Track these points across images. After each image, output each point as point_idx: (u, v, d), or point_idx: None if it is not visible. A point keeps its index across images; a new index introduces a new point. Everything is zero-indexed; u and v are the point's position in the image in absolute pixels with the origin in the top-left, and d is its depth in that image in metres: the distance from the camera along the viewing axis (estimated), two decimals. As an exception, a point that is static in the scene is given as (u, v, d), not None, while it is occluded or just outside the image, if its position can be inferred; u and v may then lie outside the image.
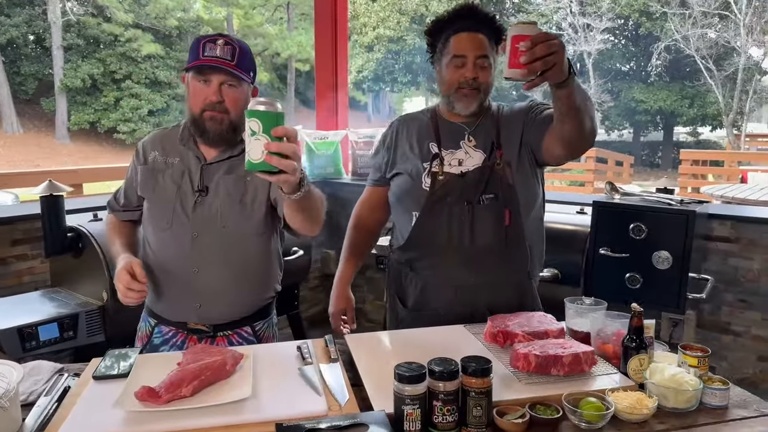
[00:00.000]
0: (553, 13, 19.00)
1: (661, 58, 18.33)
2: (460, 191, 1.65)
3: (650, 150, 22.76)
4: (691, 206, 2.34)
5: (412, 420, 1.07)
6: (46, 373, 1.33)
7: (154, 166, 1.60)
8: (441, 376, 1.08)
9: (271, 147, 1.08)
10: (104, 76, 19.00)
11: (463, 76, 1.62)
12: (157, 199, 1.59)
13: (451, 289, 1.68)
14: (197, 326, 1.59)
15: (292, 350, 1.41)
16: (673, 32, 17.07)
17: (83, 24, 18.88)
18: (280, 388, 1.22)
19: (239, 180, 1.57)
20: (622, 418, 1.17)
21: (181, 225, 1.55)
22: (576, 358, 1.27)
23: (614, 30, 19.98)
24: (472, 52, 1.61)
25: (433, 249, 1.69)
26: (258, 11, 23.75)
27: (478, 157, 1.67)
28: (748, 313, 2.82)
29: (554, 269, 2.51)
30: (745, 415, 1.22)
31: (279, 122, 1.10)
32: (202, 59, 1.47)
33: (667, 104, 18.98)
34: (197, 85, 1.51)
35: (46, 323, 2.08)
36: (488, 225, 1.65)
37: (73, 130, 19.16)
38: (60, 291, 2.41)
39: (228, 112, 1.51)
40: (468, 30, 1.62)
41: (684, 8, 16.79)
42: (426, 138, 1.74)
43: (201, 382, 1.17)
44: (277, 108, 1.12)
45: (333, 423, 1.03)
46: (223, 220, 1.55)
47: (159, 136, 1.67)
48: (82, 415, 1.11)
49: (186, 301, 1.57)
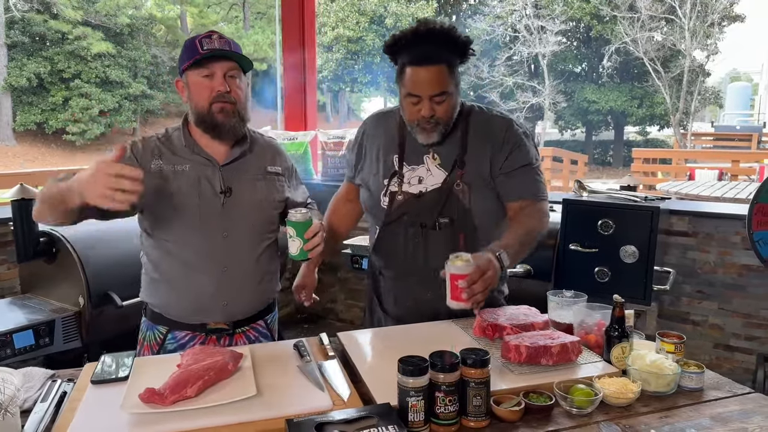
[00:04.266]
0: (509, 15, 19.38)
1: (611, 60, 18.97)
2: (416, 213, 1.64)
3: (602, 149, 23.52)
4: (655, 203, 2.46)
5: (416, 411, 1.11)
6: (39, 380, 1.31)
7: (162, 176, 1.55)
8: (443, 368, 1.13)
9: (306, 247, 1.48)
10: (52, 75, 18.35)
11: (419, 114, 1.56)
12: (175, 206, 1.54)
13: (412, 300, 1.72)
14: (218, 325, 1.60)
15: (288, 349, 1.44)
16: (622, 35, 17.69)
17: (28, 21, 18.17)
18: (283, 385, 1.25)
19: (255, 180, 1.63)
20: (609, 402, 1.24)
21: (211, 227, 1.55)
22: (564, 348, 1.34)
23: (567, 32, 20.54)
24: (426, 92, 1.53)
25: (393, 262, 1.72)
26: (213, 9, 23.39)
27: (438, 176, 1.65)
28: (705, 303, 2.99)
29: (526, 265, 2.59)
30: (719, 396, 1.31)
31: (308, 226, 1.47)
32: (203, 52, 1.48)
33: (617, 104, 19.66)
34: (200, 80, 1.51)
35: (21, 330, 2.04)
36: (441, 248, 1.60)
37: (18, 131, 18.42)
38: (32, 297, 2.35)
39: (235, 102, 1.53)
40: (423, 63, 1.52)
41: (633, 12, 17.42)
42: (391, 150, 1.71)
43: (205, 382, 1.18)
44: (306, 217, 1.47)
45: (343, 416, 1.07)
46: (252, 218, 1.59)
47: (152, 145, 1.59)
48: (86, 418, 1.11)
49: (211, 301, 1.57)
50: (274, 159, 1.70)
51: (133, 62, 19.73)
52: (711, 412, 1.23)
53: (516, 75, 19.75)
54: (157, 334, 1.62)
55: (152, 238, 1.60)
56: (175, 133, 1.62)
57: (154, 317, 1.63)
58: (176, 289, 1.56)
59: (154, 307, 1.62)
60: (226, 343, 1.61)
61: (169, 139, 1.62)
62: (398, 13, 19.48)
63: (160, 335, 1.61)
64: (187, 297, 1.56)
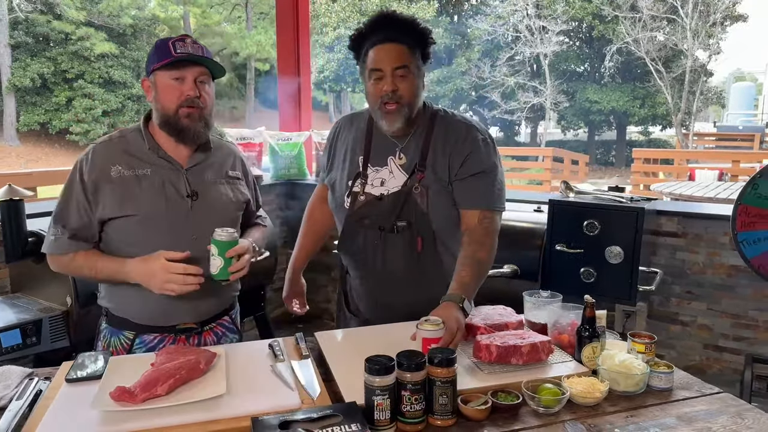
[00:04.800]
0: (510, 15, 19.36)
1: (613, 60, 18.94)
2: (376, 215, 1.66)
3: (604, 149, 23.49)
4: (641, 203, 2.47)
5: (381, 410, 1.12)
6: (16, 378, 1.33)
7: (124, 182, 1.52)
8: (409, 367, 1.14)
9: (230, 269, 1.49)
10: (55, 76, 18.42)
11: (382, 90, 1.57)
12: (142, 211, 1.52)
13: (373, 300, 1.75)
14: (187, 325, 1.61)
15: (264, 348, 1.45)
16: (624, 35, 17.66)
17: (32, 21, 18.25)
18: (254, 384, 1.26)
19: (218, 183, 1.64)
20: (577, 402, 1.26)
21: (179, 231, 1.55)
22: (534, 347, 1.35)
23: (569, 32, 20.53)
24: (389, 65, 1.56)
25: (355, 264, 1.75)
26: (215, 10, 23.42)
27: (400, 179, 1.66)
28: (694, 303, 2.99)
29: (513, 265, 2.60)
30: (687, 395, 1.32)
31: (231, 246, 1.48)
32: (177, 55, 1.48)
33: (619, 104, 19.62)
34: (170, 83, 1.50)
35: (8, 330, 2.05)
36: (399, 252, 1.65)
37: (22, 131, 18.50)
38: (21, 297, 2.37)
39: (203, 108, 1.53)
40: (385, 41, 1.56)
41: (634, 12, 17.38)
42: (357, 150, 1.72)
43: (176, 380, 1.20)
44: (232, 237, 1.48)
45: (306, 415, 1.08)
46: (218, 220, 1.58)
47: (109, 151, 1.55)
48: (57, 416, 1.13)
49: (181, 304, 1.57)
50: (234, 164, 1.72)
51: (136, 63, 19.78)
52: (677, 412, 1.24)
53: (517, 75, 19.72)
54: (123, 340, 1.59)
55: (114, 244, 1.56)
56: (133, 135, 1.59)
57: (118, 323, 1.60)
58: (143, 295, 1.52)
59: (116, 312, 1.60)
60: (196, 342, 1.62)
61: (126, 141, 1.58)
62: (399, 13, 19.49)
63: (127, 340, 1.59)
64: (156, 301, 1.53)
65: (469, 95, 21.78)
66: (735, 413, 1.23)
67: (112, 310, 1.61)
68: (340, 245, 1.76)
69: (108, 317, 1.63)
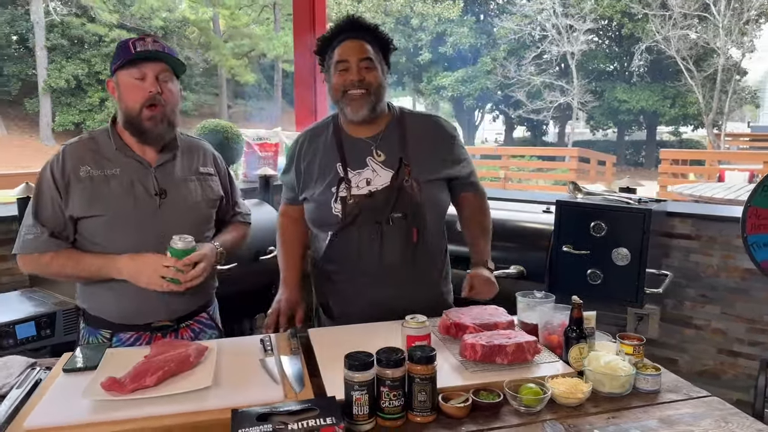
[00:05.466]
0: (537, 14, 19.16)
1: (642, 59, 18.58)
2: (369, 211, 1.68)
3: (634, 149, 23.06)
4: (649, 205, 2.44)
5: (360, 405, 1.15)
6: (18, 368, 1.39)
7: (93, 182, 1.54)
8: (387, 363, 1.16)
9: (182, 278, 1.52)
10: (89, 77, 18.89)
11: (348, 80, 1.65)
12: (109, 211, 1.54)
13: (366, 301, 1.73)
14: (162, 323, 1.63)
15: (256, 343, 1.49)
16: (654, 33, 17.31)
17: (67, 24, 18.76)
18: (241, 378, 1.30)
19: (187, 181, 1.66)
20: (559, 402, 1.26)
21: (147, 229, 1.57)
22: (519, 347, 1.36)
23: (597, 31, 20.22)
24: (354, 56, 1.65)
25: (347, 265, 1.74)
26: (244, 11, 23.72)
27: (386, 176, 1.70)
28: (708, 307, 2.93)
29: (519, 266, 2.59)
30: (674, 398, 1.31)
31: (187, 254, 1.51)
32: (137, 53, 1.50)
33: (649, 104, 19.23)
34: (132, 82, 1.52)
35: (24, 322, 2.13)
36: (396, 244, 1.69)
37: (57, 131, 19.04)
38: (38, 291, 2.45)
39: (165, 105, 1.55)
40: (350, 38, 1.67)
41: (664, 9, 17.03)
42: (331, 159, 1.74)
43: (165, 372, 1.24)
44: (188, 245, 1.52)
45: (284, 408, 1.11)
46: (188, 218, 1.62)
47: (79, 152, 1.58)
48: (50, 404, 1.18)
49: (154, 301, 1.59)
50: (205, 160, 1.74)
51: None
52: (661, 414, 1.24)
53: (544, 74, 19.51)
54: (100, 339, 1.62)
55: (86, 244, 1.58)
56: (102, 136, 1.61)
57: (94, 322, 1.63)
58: (116, 293, 1.56)
59: (93, 311, 1.63)
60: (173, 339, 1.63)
61: (95, 142, 1.60)
62: (424, 13, 19.48)
63: (104, 339, 1.62)
64: (129, 300, 1.57)
65: (495, 95, 21.63)
66: (719, 417, 1.22)
67: (89, 310, 1.64)
68: (327, 252, 1.75)
69: (85, 317, 1.66)
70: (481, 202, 1.92)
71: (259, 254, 2.72)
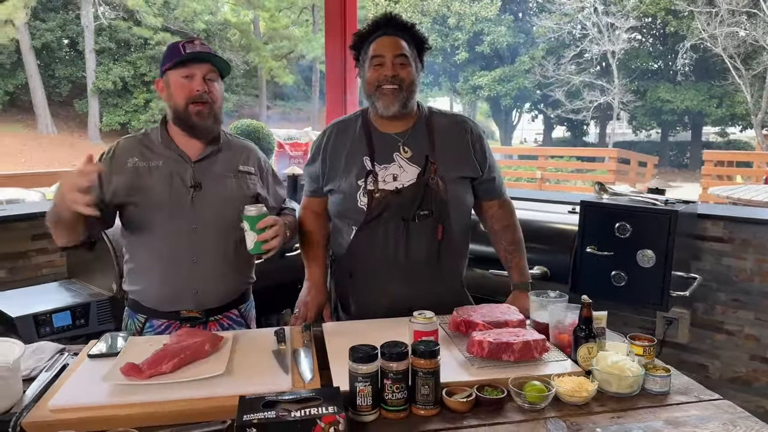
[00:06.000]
0: (577, 12, 18.81)
1: (687, 57, 18.02)
2: (396, 207, 1.71)
3: (678, 150, 22.37)
4: (675, 206, 2.39)
5: (363, 396, 1.18)
6: (49, 353, 1.48)
7: (137, 172, 1.67)
8: (391, 357, 1.19)
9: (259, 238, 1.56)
10: (134, 78, 19.51)
11: (382, 75, 1.70)
12: (148, 200, 1.66)
13: (387, 299, 1.76)
14: (191, 314, 1.72)
15: (270, 335, 1.54)
16: (699, 31, 16.76)
17: (114, 28, 19.44)
18: (253, 367, 1.35)
19: (225, 177, 1.74)
20: (564, 400, 1.26)
21: (180, 220, 1.67)
22: (526, 345, 1.36)
23: (641, 28, 19.70)
24: (390, 52, 1.70)
25: (370, 262, 1.76)
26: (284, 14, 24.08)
27: (412, 172, 1.73)
28: (741, 312, 2.85)
29: (543, 267, 2.58)
30: (683, 400, 1.29)
31: (261, 218, 1.55)
32: (187, 54, 1.61)
33: (693, 104, 18.61)
34: (181, 81, 1.64)
35: (60, 311, 2.25)
36: (422, 240, 1.73)
37: (104, 131, 19.73)
38: (75, 282, 2.58)
39: (211, 102, 1.66)
40: (386, 34, 1.72)
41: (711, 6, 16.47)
42: (359, 152, 1.77)
43: (180, 360, 1.30)
44: (261, 211, 1.57)
45: (292, 396, 1.15)
46: (221, 212, 1.70)
47: (130, 145, 1.72)
48: (74, 386, 1.25)
49: (183, 290, 1.69)
50: (247, 159, 1.81)
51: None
52: (668, 416, 1.22)
53: (584, 73, 19.13)
54: (136, 323, 1.74)
55: (129, 231, 1.72)
56: (154, 132, 1.75)
57: (133, 306, 1.75)
58: (150, 279, 1.68)
59: (133, 296, 1.75)
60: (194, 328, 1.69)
61: (148, 137, 1.75)
62: (461, 12, 19.36)
63: (140, 323, 1.73)
64: (161, 286, 1.68)
65: (533, 94, 21.33)
66: (728, 420, 1.20)
67: (130, 294, 1.76)
68: (352, 245, 1.78)
69: (127, 300, 1.78)
70: (511, 217, 1.93)
71: (285, 251, 2.78)
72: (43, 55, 19.27)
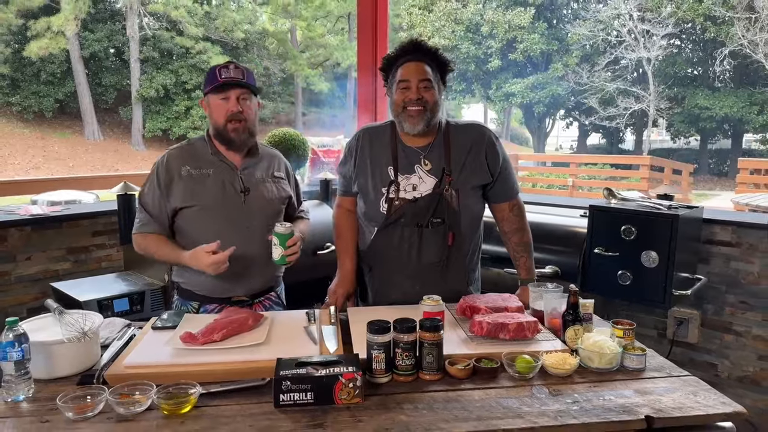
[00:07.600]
0: (612, 19, 18.71)
1: (726, 64, 17.72)
2: (412, 215, 1.92)
3: (718, 158, 21.93)
4: (678, 211, 2.56)
5: (378, 361, 1.42)
6: (119, 326, 1.77)
7: (192, 179, 1.92)
8: (402, 329, 1.43)
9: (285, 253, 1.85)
10: (176, 86, 20.17)
11: (408, 97, 1.88)
12: (205, 204, 1.90)
13: (399, 295, 1.96)
14: (240, 298, 1.99)
15: (302, 315, 1.80)
16: (739, 37, 16.49)
17: (158, 38, 20.19)
18: (288, 338, 1.61)
19: (265, 182, 2.02)
20: (550, 372, 1.48)
21: (234, 219, 1.94)
22: (520, 325, 1.58)
23: (679, 35, 19.44)
24: (415, 77, 1.87)
25: (386, 260, 1.99)
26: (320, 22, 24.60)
27: (430, 183, 1.93)
28: (749, 314, 2.97)
29: (554, 266, 2.77)
30: (655, 375, 1.49)
31: (290, 237, 1.84)
32: (222, 80, 1.88)
33: (733, 111, 18.26)
34: (219, 102, 1.90)
35: (120, 298, 2.56)
36: (434, 245, 1.94)
37: (147, 137, 20.50)
38: (131, 274, 2.89)
39: (245, 120, 1.91)
40: (413, 60, 1.89)
41: (751, 12, 16.19)
42: (385, 161, 1.97)
43: (228, 331, 1.57)
44: (290, 230, 1.85)
45: (318, 359, 1.40)
46: (266, 212, 1.98)
47: (181, 155, 1.96)
48: (142, 350, 1.53)
49: (234, 280, 1.95)
50: (279, 166, 2.10)
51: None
52: (638, 387, 1.43)
53: (618, 80, 18.99)
54: (190, 308, 1.99)
55: (183, 229, 1.95)
56: (199, 142, 2.00)
57: (186, 294, 2.01)
58: (205, 274, 1.85)
59: (186, 286, 2.00)
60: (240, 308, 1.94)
61: (193, 147, 1.99)
62: (494, 20, 19.46)
63: (194, 309, 1.98)
64: (215, 278, 1.88)
65: (567, 101, 21.26)
66: (690, 392, 1.39)
67: (182, 285, 2.02)
68: (371, 245, 2.01)
69: (179, 290, 2.04)
70: (521, 221, 2.08)
71: (318, 249, 3.03)
72: (90, 64, 20.12)
